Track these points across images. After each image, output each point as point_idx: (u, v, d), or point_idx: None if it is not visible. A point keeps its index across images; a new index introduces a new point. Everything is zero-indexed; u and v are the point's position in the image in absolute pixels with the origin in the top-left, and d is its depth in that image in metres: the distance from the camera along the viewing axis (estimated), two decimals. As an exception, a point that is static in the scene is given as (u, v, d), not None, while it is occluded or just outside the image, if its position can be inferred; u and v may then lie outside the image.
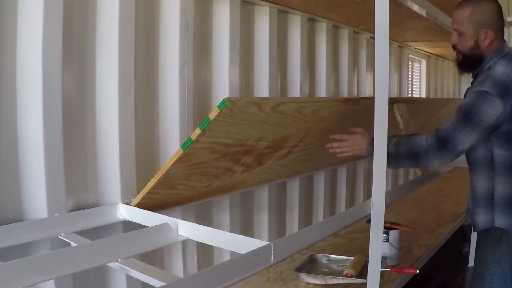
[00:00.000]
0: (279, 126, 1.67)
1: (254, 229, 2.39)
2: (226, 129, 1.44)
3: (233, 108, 1.35)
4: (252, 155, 1.73)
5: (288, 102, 1.67)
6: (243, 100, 1.40)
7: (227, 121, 1.40)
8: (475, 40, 1.74)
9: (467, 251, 3.53)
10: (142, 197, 1.57)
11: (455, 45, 1.82)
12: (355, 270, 1.96)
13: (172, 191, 1.62)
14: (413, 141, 1.74)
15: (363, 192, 3.39)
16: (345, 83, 3.13)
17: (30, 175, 1.43)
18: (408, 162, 1.75)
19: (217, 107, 1.31)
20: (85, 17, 1.58)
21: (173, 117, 1.86)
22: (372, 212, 1.65)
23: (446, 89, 5.57)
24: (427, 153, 1.70)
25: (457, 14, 1.79)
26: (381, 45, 1.57)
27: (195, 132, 1.37)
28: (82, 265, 1.20)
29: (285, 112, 1.61)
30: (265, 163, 1.88)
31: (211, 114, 1.33)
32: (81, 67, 1.58)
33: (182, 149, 1.40)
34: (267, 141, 1.71)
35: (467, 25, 1.74)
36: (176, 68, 1.85)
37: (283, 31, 2.53)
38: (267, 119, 1.56)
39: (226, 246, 1.40)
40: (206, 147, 1.47)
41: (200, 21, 2.01)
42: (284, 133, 1.75)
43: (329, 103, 1.91)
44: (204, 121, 1.35)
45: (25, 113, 1.41)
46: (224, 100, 1.30)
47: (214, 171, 1.67)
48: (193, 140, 1.38)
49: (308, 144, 2.01)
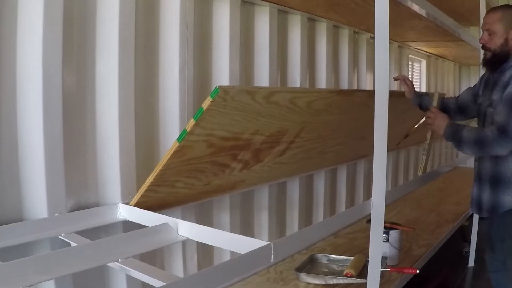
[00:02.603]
0: (274, 118, 1.67)
1: (254, 229, 2.39)
2: (220, 119, 1.43)
3: (226, 96, 1.35)
4: (249, 150, 1.73)
5: (281, 92, 1.67)
6: (235, 88, 1.41)
7: (221, 111, 1.39)
8: (504, 38, 2.00)
9: (467, 251, 3.53)
10: (141, 195, 1.56)
11: (484, 44, 2.07)
12: (355, 270, 1.96)
13: (171, 189, 1.61)
14: (482, 131, 1.95)
15: (363, 192, 3.39)
16: (345, 83, 3.12)
17: (30, 175, 1.43)
18: (475, 147, 1.96)
19: (209, 95, 1.31)
20: (85, 17, 1.58)
21: (173, 117, 1.86)
22: (372, 212, 1.65)
23: (446, 89, 5.57)
24: (493, 142, 1.89)
25: (489, 16, 2.06)
26: (381, 45, 1.58)
27: (190, 123, 1.37)
28: (82, 265, 1.20)
29: (278, 102, 1.61)
30: (263, 160, 1.87)
31: (204, 103, 1.33)
32: (81, 67, 1.58)
33: (178, 142, 1.40)
34: (263, 135, 1.71)
35: (499, 25, 2.01)
36: (176, 68, 1.85)
37: (283, 31, 2.53)
38: (261, 110, 1.56)
39: (226, 246, 1.40)
40: (202, 139, 1.46)
41: (200, 21, 2.01)
42: (279, 127, 1.75)
43: (323, 94, 1.92)
44: (198, 111, 1.35)
45: (25, 113, 1.41)
46: (216, 88, 1.30)
47: (212, 168, 1.67)
48: (188, 131, 1.38)
49: (305, 140, 2.01)
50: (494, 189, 2.03)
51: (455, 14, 2.95)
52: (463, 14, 3.14)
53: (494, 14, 2.04)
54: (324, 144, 2.27)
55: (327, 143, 2.29)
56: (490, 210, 2.05)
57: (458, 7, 3.06)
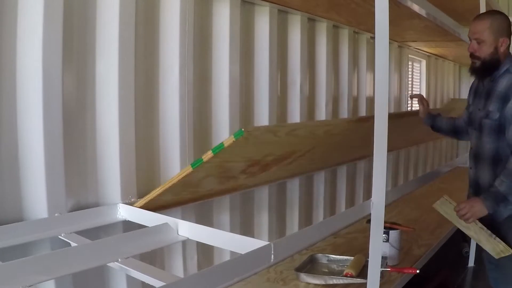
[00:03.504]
0: (290, 144, 1.68)
1: (254, 229, 2.39)
2: (238, 152, 1.44)
3: (249, 137, 1.34)
4: (258, 165, 1.75)
5: (303, 128, 1.68)
6: (260, 129, 1.40)
7: (241, 147, 1.40)
8: (494, 47, 1.97)
9: (467, 251, 3.53)
10: (146, 202, 1.59)
11: (473, 53, 2.02)
12: (355, 270, 1.96)
13: (176, 196, 1.64)
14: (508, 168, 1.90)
15: (363, 192, 3.39)
16: (345, 83, 3.12)
17: (30, 175, 1.43)
18: None
19: (233, 135, 1.30)
20: (85, 18, 1.58)
21: (173, 117, 1.86)
22: (372, 212, 1.65)
23: (446, 89, 5.57)
24: None
25: (477, 25, 2.00)
26: (381, 45, 1.58)
27: (207, 155, 1.38)
28: (82, 265, 1.20)
29: (299, 135, 1.62)
30: (270, 170, 1.89)
31: (226, 141, 1.32)
32: (81, 67, 1.58)
33: (192, 167, 1.42)
34: (274, 155, 1.73)
35: (488, 34, 1.96)
36: (176, 68, 1.85)
37: (283, 31, 2.53)
38: (279, 141, 1.57)
39: (226, 246, 1.40)
40: (215, 165, 1.48)
41: (200, 21, 2.01)
42: (292, 149, 1.77)
43: (343, 124, 1.93)
44: (218, 146, 1.34)
45: (25, 113, 1.42)
46: (240, 131, 1.28)
47: (219, 180, 1.70)
48: (204, 161, 1.39)
49: (312, 154, 2.02)
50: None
51: (455, 14, 2.95)
52: (463, 14, 3.14)
53: (482, 22, 1.99)
54: (328, 154, 2.27)
55: (331, 153, 2.29)
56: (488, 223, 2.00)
57: (458, 7, 3.05)
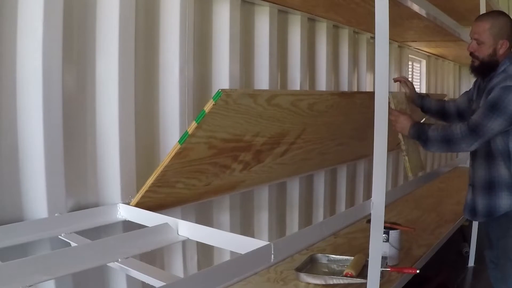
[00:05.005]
0: (275, 120, 1.67)
1: (254, 229, 2.39)
2: (222, 122, 1.43)
3: (228, 99, 1.35)
4: (250, 151, 1.73)
5: (283, 95, 1.67)
6: (237, 91, 1.41)
7: (223, 114, 1.39)
8: (493, 49, 1.99)
9: (467, 251, 3.53)
10: (142, 195, 1.56)
11: (472, 52, 2.05)
12: (355, 270, 1.96)
13: (171, 189, 1.61)
14: (449, 128, 1.95)
15: (363, 192, 3.39)
16: (345, 83, 3.12)
17: (30, 175, 1.43)
18: (442, 145, 1.96)
19: (212, 98, 1.31)
20: (85, 18, 1.58)
21: (173, 117, 1.86)
22: (372, 212, 1.65)
23: (446, 89, 5.57)
24: (459, 139, 1.91)
25: (478, 26, 2.03)
26: (381, 45, 1.58)
27: (192, 126, 1.37)
28: (82, 265, 1.20)
29: (280, 105, 1.61)
30: (264, 160, 1.88)
31: (206, 106, 1.33)
32: (81, 67, 1.58)
33: (179, 144, 1.40)
34: (264, 137, 1.71)
35: (488, 36, 1.99)
36: (176, 68, 1.85)
37: (283, 31, 2.52)
38: (263, 113, 1.56)
39: (226, 246, 1.40)
40: (203, 141, 1.46)
41: (200, 21, 2.01)
42: (281, 128, 1.75)
43: (325, 96, 1.92)
44: (200, 113, 1.34)
45: (25, 113, 1.41)
46: (218, 92, 1.30)
47: (213, 169, 1.67)
48: (189, 133, 1.38)
49: (306, 141, 2.01)
50: (489, 194, 2.04)
51: (455, 14, 2.95)
52: (463, 14, 3.14)
53: (483, 23, 2.01)
54: (324, 145, 2.27)
55: (327, 144, 2.29)
56: (485, 215, 2.06)
57: (458, 7, 3.05)
